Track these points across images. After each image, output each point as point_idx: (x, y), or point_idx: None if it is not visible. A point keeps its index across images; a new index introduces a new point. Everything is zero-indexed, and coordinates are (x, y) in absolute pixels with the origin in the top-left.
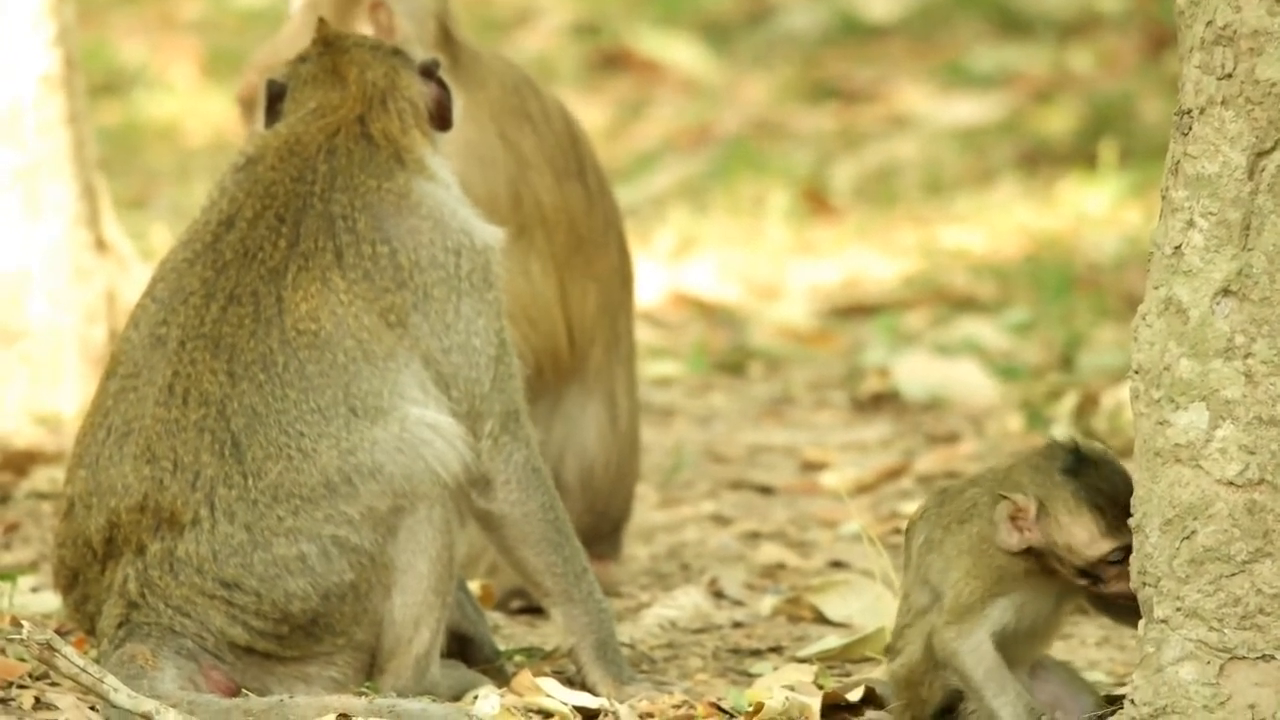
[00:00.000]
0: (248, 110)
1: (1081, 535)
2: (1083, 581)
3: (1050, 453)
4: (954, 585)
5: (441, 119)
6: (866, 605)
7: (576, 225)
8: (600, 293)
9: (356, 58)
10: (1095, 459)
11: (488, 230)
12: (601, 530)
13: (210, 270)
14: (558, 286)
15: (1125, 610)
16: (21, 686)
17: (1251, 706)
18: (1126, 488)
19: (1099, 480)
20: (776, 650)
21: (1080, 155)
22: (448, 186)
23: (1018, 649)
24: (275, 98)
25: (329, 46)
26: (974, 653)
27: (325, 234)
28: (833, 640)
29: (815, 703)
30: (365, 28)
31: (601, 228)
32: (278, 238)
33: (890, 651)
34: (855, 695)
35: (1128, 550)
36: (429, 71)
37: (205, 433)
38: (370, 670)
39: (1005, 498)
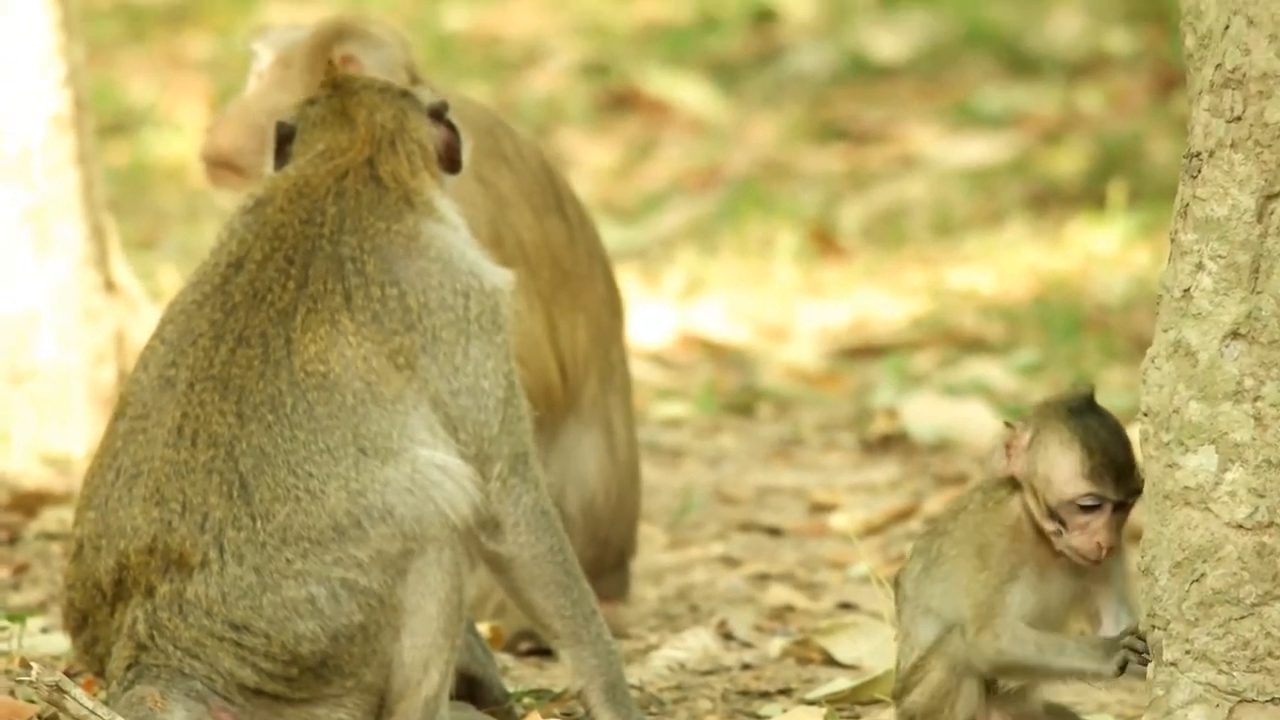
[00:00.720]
0: (213, 169)
1: (1063, 470)
2: (1050, 526)
3: (1067, 394)
4: (967, 592)
5: (451, 161)
6: (875, 647)
7: (560, 260)
8: (590, 324)
9: (365, 100)
10: (1104, 413)
11: (497, 272)
12: (606, 562)
13: (219, 312)
14: (545, 323)
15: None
16: None
17: None
18: (1123, 450)
19: (1100, 429)
20: (785, 692)
21: (1089, 196)
22: (456, 229)
23: None
24: (284, 140)
25: (338, 89)
26: (1016, 640)
27: (334, 276)
28: (842, 682)
29: None
30: None
31: (585, 260)
32: (287, 279)
33: (899, 693)
34: None
35: (1099, 505)
36: (438, 114)
37: (214, 474)
38: (379, 712)
39: (1009, 425)
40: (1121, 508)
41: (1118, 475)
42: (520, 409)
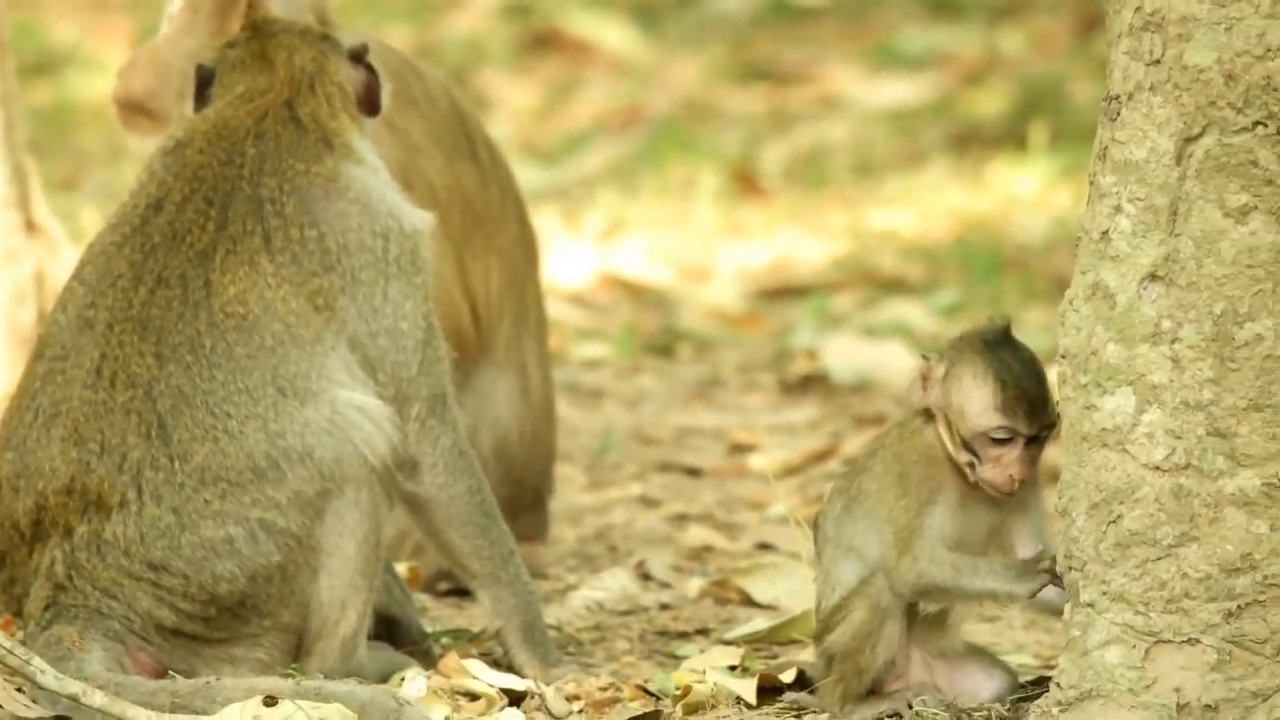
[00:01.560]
0: (125, 113)
1: (976, 402)
2: (964, 458)
3: (983, 327)
4: (889, 520)
5: (370, 104)
6: (793, 588)
7: (471, 203)
8: (503, 267)
9: (285, 42)
10: (1020, 346)
11: (416, 214)
12: (522, 502)
13: (138, 253)
14: (457, 266)
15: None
16: None
17: (1176, 690)
18: (1036, 383)
19: (1014, 362)
20: (703, 632)
21: (1010, 137)
22: (376, 171)
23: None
24: (204, 83)
25: (257, 32)
26: (934, 561)
27: (253, 218)
28: (760, 622)
29: (751, 685)
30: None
31: (499, 202)
32: (206, 221)
33: (820, 634)
34: (788, 677)
35: (1011, 438)
36: (358, 56)
37: (132, 415)
38: (297, 652)
39: (925, 358)
40: (1034, 441)
41: (1030, 408)
42: (439, 350)
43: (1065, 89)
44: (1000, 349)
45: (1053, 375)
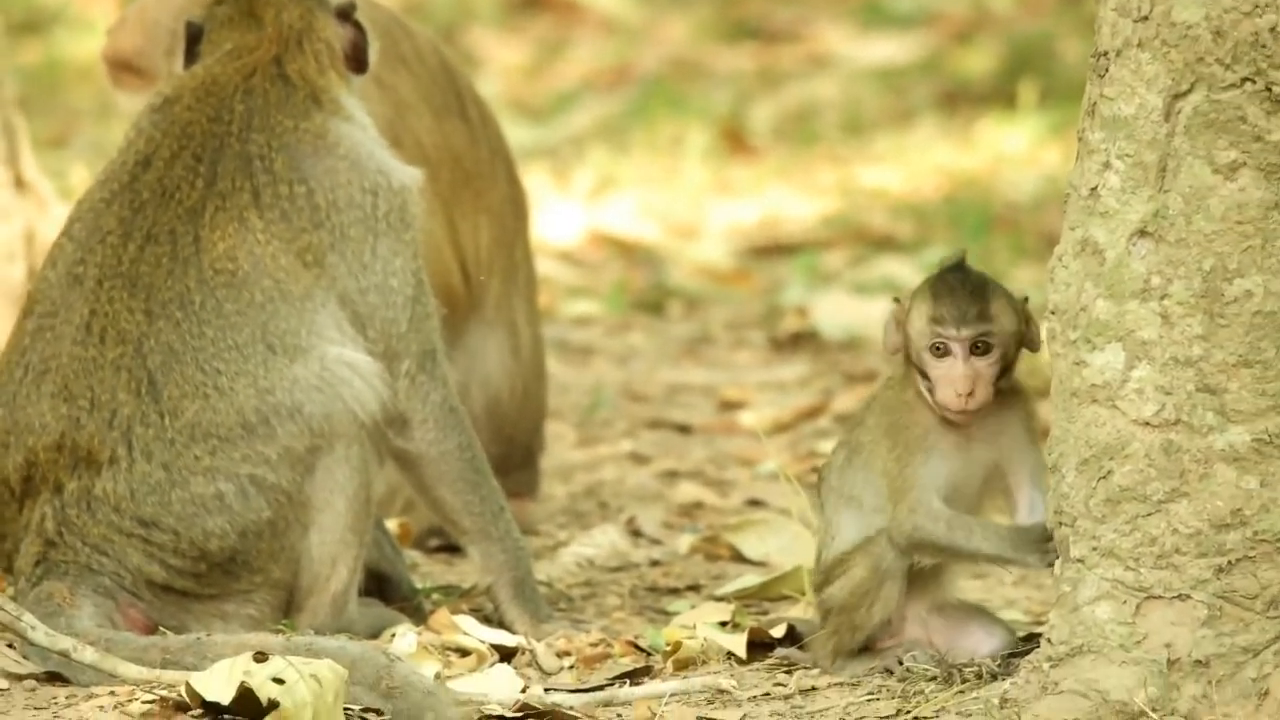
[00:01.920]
0: (115, 71)
1: (916, 322)
2: (924, 386)
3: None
4: (884, 472)
5: (358, 61)
6: (784, 544)
7: (461, 161)
8: (493, 225)
9: (273, 0)
10: (968, 270)
11: (405, 171)
12: (513, 458)
13: (127, 210)
14: (446, 224)
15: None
16: None
17: (1167, 645)
18: (970, 294)
19: (953, 279)
20: (694, 589)
21: (999, 95)
22: (364, 128)
23: None
24: (193, 39)
25: None
26: (930, 515)
27: (242, 174)
28: (750, 579)
29: (741, 640)
30: None
31: (488, 160)
32: (195, 177)
33: (820, 585)
34: (778, 632)
35: (948, 349)
36: (345, 14)
37: (122, 371)
38: (288, 608)
39: (896, 300)
40: (978, 352)
41: (960, 315)
42: (428, 307)
43: (1054, 47)
44: (946, 272)
45: (1042, 331)
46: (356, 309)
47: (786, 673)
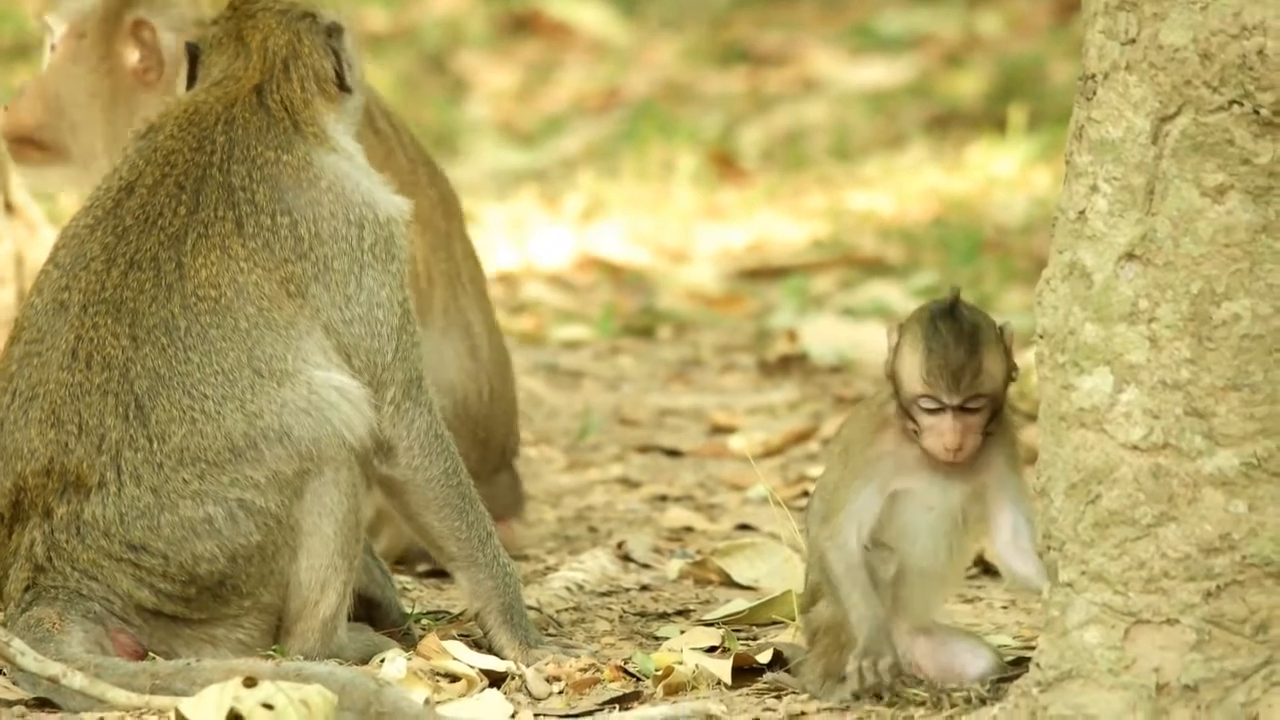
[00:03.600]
0: (17, 147)
1: (908, 370)
2: (909, 424)
3: (939, 297)
4: (828, 485)
5: (344, 82)
6: (773, 568)
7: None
8: (424, 231)
9: (261, 23)
10: (962, 318)
11: (392, 201)
12: (489, 463)
13: (111, 236)
14: None
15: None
16: None
17: (1155, 670)
18: (965, 355)
19: (948, 333)
20: (684, 613)
21: (989, 119)
22: (351, 156)
23: (926, 552)
24: (193, 61)
25: (236, 10)
26: (839, 549)
27: (225, 203)
28: (740, 603)
29: (727, 665)
30: (130, 49)
31: (408, 169)
32: (178, 204)
33: (806, 605)
34: (764, 657)
35: (941, 408)
36: (334, 34)
37: (109, 395)
38: (278, 633)
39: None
40: (970, 411)
41: (954, 379)
42: (414, 335)
43: (1044, 70)
44: (940, 319)
45: (1031, 355)
46: (341, 339)
47: (776, 697)
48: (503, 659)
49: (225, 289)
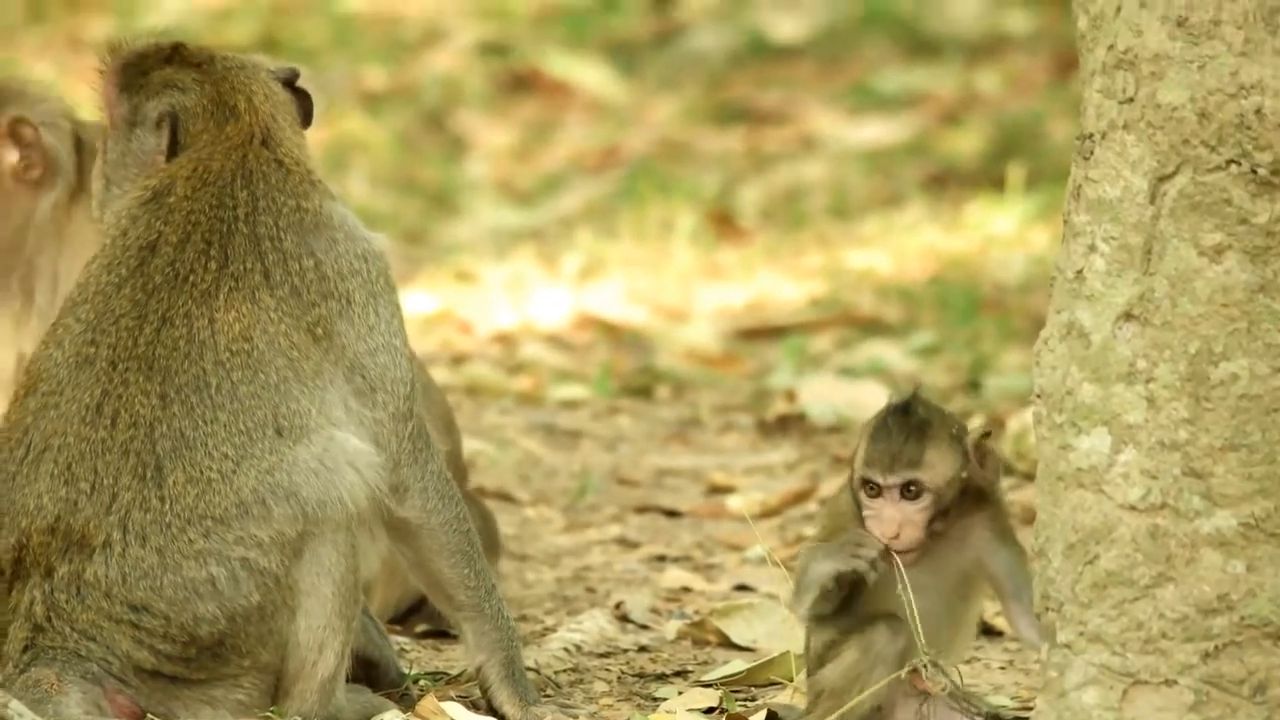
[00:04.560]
0: None
1: (858, 452)
2: (863, 514)
3: (906, 392)
4: (806, 540)
5: (306, 121)
6: (771, 629)
7: None
8: None
9: (238, 84)
10: (915, 409)
11: (378, 237)
12: None
13: (141, 293)
14: None
15: None
16: None
17: None
18: (905, 440)
19: (895, 421)
20: (682, 674)
21: (988, 177)
22: (339, 200)
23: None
24: (174, 129)
25: (205, 74)
26: (800, 608)
27: (253, 255)
28: (738, 664)
29: None
30: (7, 149)
31: None
32: (207, 260)
33: (813, 669)
34: (758, 718)
35: (878, 491)
36: (290, 82)
37: (130, 455)
38: (276, 694)
39: None
40: (908, 497)
41: (891, 461)
42: (416, 375)
43: (1042, 129)
44: (893, 411)
45: (1029, 415)
46: (367, 373)
47: None
48: (502, 717)
49: (257, 341)
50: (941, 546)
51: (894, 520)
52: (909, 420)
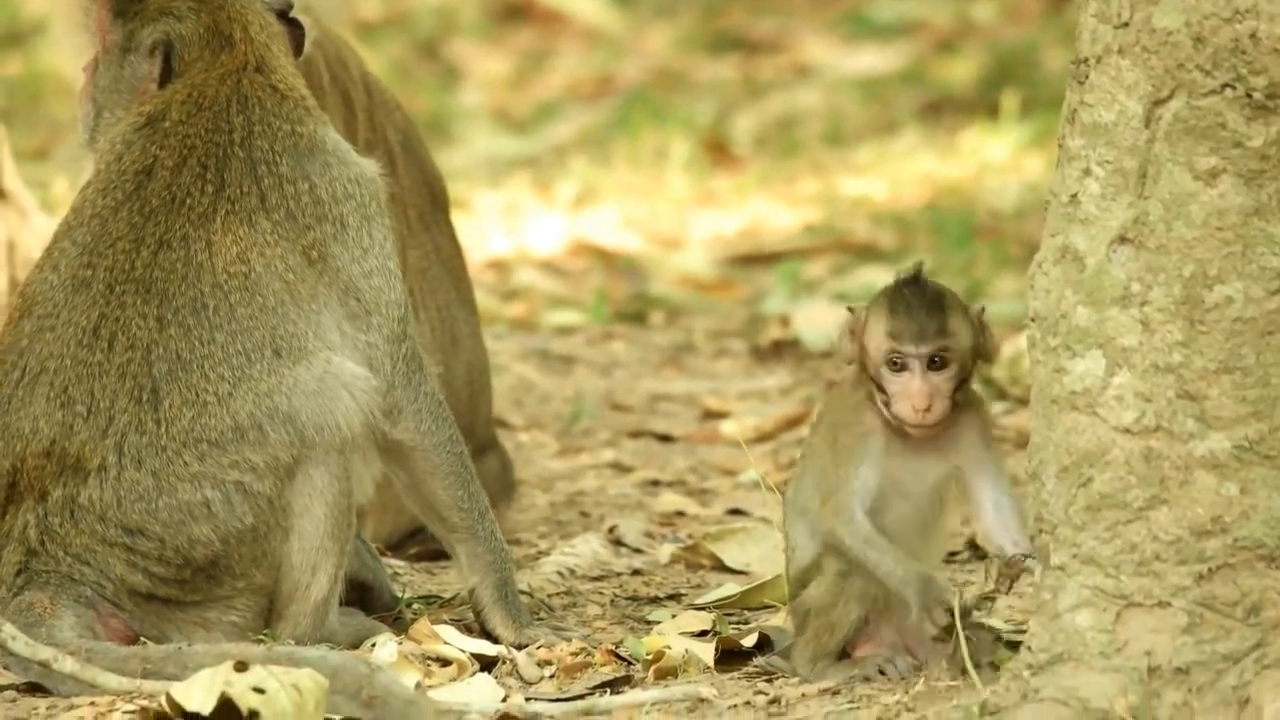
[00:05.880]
0: None
1: (874, 334)
2: (880, 399)
3: (909, 268)
4: (821, 469)
5: (298, 53)
6: (765, 553)
7: None
8: (402, 213)
9: (235, 13)
10: (924, 283)
11: (368, 163)
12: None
13: (137, 216)
14: None
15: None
16: None
17: (1147, 653)
18: (927, 309)
19: (909, 293)
20: (675, 598)
21: (982, 105)
22: (329, 123)
23: (903, 538)
24: (167, 57)
25: (201, 2)
26: (849, 524)
27: (249, 179)
28: (731, 587)
29: (709, 649)
30: None
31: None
32: (204, 184)
33: (793, 593)
34: (750, 641)
35: (905, 364)
36: (284, 14)
37: (127, 377)
38: (269, 617)
39: (851, 310)
40: (935, 367)
41: (919, 331)
42: (408, 297)
43: (1037, 56)
44: (905, 284)
45: (1024, 339)
46: (362, 296)
47: (767, 681)
48: (495, 639)
49: (254, 264)
50: (927, 449)
51: (925, 393)
52: (925, 290)
